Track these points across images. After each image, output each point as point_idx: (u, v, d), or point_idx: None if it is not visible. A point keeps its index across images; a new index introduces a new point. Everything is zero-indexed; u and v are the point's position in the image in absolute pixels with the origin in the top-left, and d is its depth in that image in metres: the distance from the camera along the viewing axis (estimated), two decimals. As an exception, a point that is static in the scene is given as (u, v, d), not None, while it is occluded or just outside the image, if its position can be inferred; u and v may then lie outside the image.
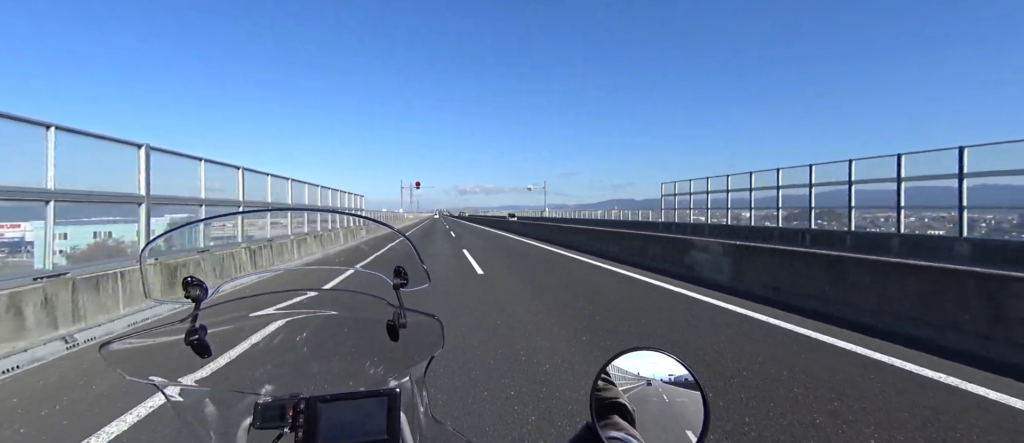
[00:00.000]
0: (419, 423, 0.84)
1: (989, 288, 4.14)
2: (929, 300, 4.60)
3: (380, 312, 0.89)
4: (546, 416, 2.75)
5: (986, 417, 2.77)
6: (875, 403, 2.95)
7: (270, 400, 0.79)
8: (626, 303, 6.22)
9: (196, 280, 0.83)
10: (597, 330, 4.78)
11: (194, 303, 0.82)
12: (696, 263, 8.87)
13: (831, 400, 2.98)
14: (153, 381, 0.77)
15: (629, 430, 0.67)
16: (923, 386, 3.24)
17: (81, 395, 3.22)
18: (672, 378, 0.69)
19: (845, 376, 3.42)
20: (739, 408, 2.88)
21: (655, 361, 0.70)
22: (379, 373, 0.93)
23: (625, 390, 0.70)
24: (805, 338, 4.50)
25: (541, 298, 6.53)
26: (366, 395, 0.80)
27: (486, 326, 4.90)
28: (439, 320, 0.85)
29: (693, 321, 5.23)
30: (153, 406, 2.92)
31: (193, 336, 0.76)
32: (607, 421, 0.68)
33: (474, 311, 5.66)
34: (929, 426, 2.64)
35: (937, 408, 2.88)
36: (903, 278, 4.95)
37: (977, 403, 2.98)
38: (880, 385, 3.24)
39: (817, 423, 2.66)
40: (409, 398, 0.84)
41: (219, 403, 0.82)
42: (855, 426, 2.63)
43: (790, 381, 3.31)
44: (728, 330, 4.80)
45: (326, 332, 1.00)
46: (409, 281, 0.93)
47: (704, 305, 6.12)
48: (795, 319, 5.23)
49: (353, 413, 0.78)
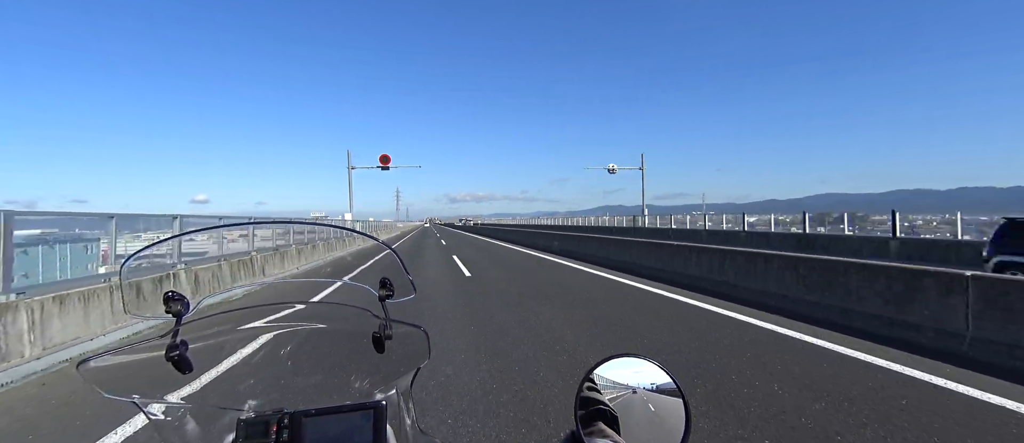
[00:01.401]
0: (406, 435, 0.83)
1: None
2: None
3: (365, 324, 0.89)
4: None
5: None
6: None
7: (254, 416, 0.78)
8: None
9: (177, 295, 0.81)
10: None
11: (175, 318, 0.81)
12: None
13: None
14: (133, 399, 0.75)
15: (614, 437, 0.67)
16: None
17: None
18: (655, 386, 0.70)
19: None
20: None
21: (638, 368, 0.71)
22: (365, 386, 0.92)
23: (609, 397, 0.70)
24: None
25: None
26: (352, 408, 0.79)
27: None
28: (425, 331, 0.85)
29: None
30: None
31: (174, 352, 0.75)
32: (591, 428, 0.68)
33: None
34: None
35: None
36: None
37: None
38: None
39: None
40: (396, 410, 0.83)
41: (201, 420, 0.81)
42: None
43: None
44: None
45: (311, 345, 0.99)
46: (395, 293, 0.93)
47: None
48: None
49: (339, 427, 0.77)
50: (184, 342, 0.77)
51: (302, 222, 12.68)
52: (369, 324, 0.88)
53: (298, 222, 11.49)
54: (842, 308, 5.47)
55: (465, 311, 6.38)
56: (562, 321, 5.67)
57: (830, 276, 5.76)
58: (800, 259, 6.43)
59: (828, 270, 5.86)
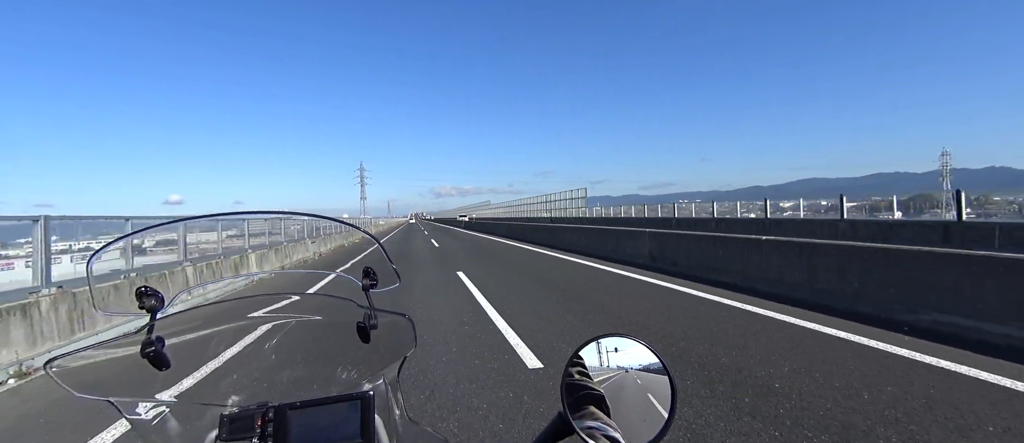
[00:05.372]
0: (394, 425, 0.83)
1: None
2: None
3: (350, 314, 0.87)
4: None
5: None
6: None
7: (237, 411, 0.76)
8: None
9: (151, 290, 0.78)
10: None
11: (150, 314, 0.78)
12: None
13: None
14: (108, 398, 0.72)
15: (601, 417, 0.68)
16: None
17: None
18: (640, 365, 0.72)
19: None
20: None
21: (623, 347, 0.74)
22: (351, 376, 0.91)
23: (595, 377, 0.72)
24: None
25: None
26: (338, 399, 0.78)
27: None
28: (410, 319, 0.84)
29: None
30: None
31: (150, 348, 0.72)
32: (579, 410, 0.69)
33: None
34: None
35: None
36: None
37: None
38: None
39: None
40: (383, 400, 0.83)
41: (182, 417, 0.78)
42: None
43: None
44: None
45: (294, 338, 0.97)
46: (379, 282, 0.92)
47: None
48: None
49: (325, 418, 0.76)
50: (160, 338, 0.75)
51: (278, 214, 11.73)
52: (353, 314, 0.87)
53: (274, 214, 10.59)
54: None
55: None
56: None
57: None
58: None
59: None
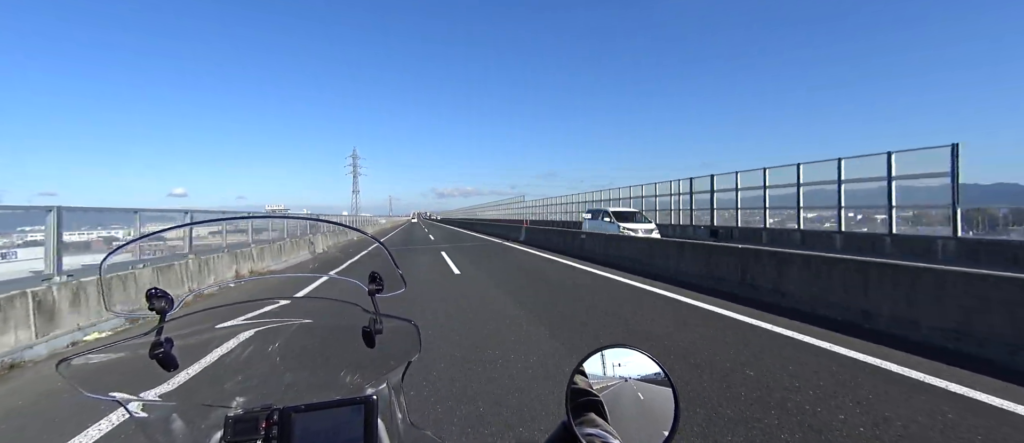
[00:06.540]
0: (397, 429, 0.83)
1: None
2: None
3: (355, 319, 0.88)
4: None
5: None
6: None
7: (242, 413, 0.77)
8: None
9: (160, 291, 0.79)
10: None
11: (159, 315, 0.78)
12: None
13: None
14: (115, 397, 0.72)
15: (605, 427, 0.68)
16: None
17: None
18: (645, 375, 0.72)
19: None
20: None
21: (629, 358, 0.73)
22: (355, 381, 0.91)
23: (600, 387, 0.72)
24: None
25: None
26: (342, 403, 0.78)
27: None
28: (416, 325, 0.85)
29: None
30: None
31: (158, 349, 0.73)
32: (583, 418, 0.69)
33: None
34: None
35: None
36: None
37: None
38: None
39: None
40: (386, 405, 0.83)
41: (188, 418, 0.79)
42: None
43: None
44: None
45: (300, 341, 0.97)
46: (384, 287, 0.92)
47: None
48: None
49: (329, 422, 0.76)
50: (169, 339, 0.75)
51: (283, 216, 11.78)
52: (359, 318, 0.87)
53: (279, 217, 10.57)
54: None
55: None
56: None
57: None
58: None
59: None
